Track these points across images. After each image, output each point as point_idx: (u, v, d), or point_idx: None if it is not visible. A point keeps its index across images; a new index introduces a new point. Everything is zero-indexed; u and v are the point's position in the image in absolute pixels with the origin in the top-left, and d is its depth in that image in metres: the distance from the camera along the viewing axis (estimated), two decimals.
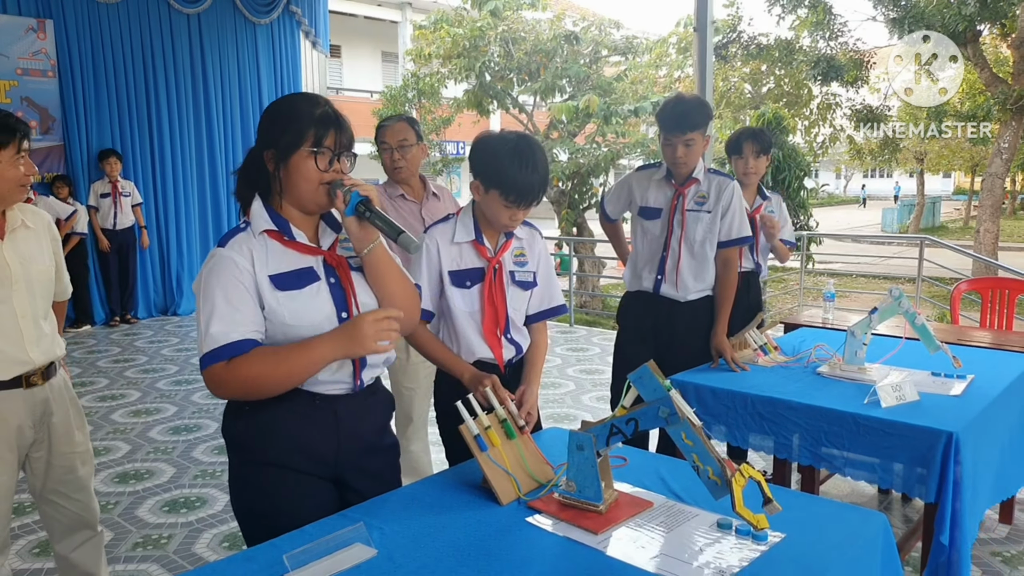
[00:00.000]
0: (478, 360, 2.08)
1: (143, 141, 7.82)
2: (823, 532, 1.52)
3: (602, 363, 5.89)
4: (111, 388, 5.27)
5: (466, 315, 2.08)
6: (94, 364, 5.94)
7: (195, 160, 8.22)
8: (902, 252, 15.18)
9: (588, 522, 1.56)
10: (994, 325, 4.13)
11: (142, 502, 3.43)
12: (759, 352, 2.87)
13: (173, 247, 8.06)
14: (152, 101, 7.83)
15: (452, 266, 2.07)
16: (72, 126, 7.33)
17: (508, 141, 1.95)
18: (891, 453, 2.19)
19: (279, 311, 1.58)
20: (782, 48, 13.02)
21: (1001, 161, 11.88)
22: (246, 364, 1.53)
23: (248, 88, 8.57)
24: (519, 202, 1.95)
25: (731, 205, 2.84)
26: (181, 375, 5.58)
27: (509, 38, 10.60)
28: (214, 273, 1.56)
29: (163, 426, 4.47)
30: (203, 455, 3.99)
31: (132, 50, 7.66)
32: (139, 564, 2.89)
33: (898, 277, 12.08)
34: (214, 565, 1.43)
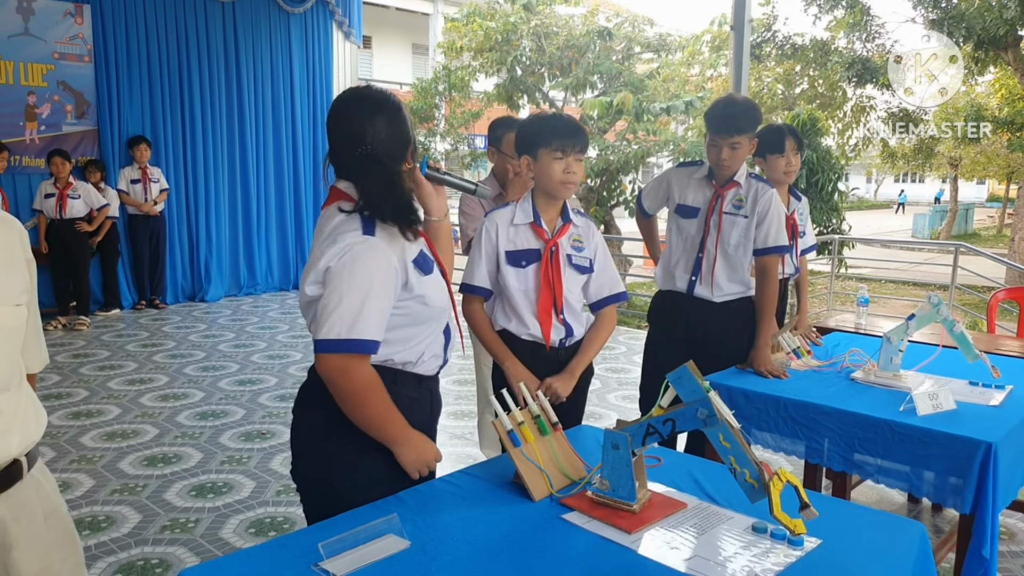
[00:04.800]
0: (529, 335, 2.23)
1: (175, 128, 7.90)
2: (860, 539, 1.49)
3: (628, 362, 5.86)
4: (139, 372, 5.35)
5: (520, 293, 2.23)
6: (123, 348, 6.03)
7: (226, 148, 8.29)
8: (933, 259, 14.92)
9: (621, 521, 1.55)
10: None
11: (170, 486, 3.48)
12: (792, 356, 2.83)
13: (202, 234, 8.14)
14: (185, 89, 7.91)
15: (509, 246, 2.22)
16: (104, 111, 7.43)
17: (537, 113, 2.17)
18: (926, 462, 2.15)
19: (428, 295, 1.67)
20: (817, 49, 12.83)
21: None
22: (367, 371, 1.60)
23: (280, 78, 8.63)
24: (566, 145, 2.10)
25: (769, 212, 2.81)
26: (208, 361, 5.65)
27: (541, 32, 10.58)
28: (369, 262, 1.56)
29: (191, 411, 4.52)
30: (230, 441, 4.04)
31: (167, 37, 7.74)
32: (167, 547, 2.93)
33: (929, 284, 11.89)
34: (248, 551, 1.44)
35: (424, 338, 1.73)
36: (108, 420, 4.36)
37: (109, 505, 3.28)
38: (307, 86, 8.91)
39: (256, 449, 3.93)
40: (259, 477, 3.58)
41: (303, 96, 8.86)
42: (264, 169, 8.63)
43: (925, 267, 13.18)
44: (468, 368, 3.71)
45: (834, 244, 7.27)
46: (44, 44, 7.08)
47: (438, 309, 1.72)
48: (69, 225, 6.69)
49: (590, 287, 2.31)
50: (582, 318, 2.31)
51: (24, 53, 6.99)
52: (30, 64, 7.03)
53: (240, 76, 8.29)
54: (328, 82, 9.06)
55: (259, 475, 3.60)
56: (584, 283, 2.29)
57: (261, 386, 5.03)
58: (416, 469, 1.71)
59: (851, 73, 12.34)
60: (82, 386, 4.99)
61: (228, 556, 1.45)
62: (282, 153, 8.74)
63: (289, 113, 8.75)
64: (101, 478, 3.56)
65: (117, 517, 3.17)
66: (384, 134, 1.64)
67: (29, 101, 7.07)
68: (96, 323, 6.87)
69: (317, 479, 1.74)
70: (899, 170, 27.39)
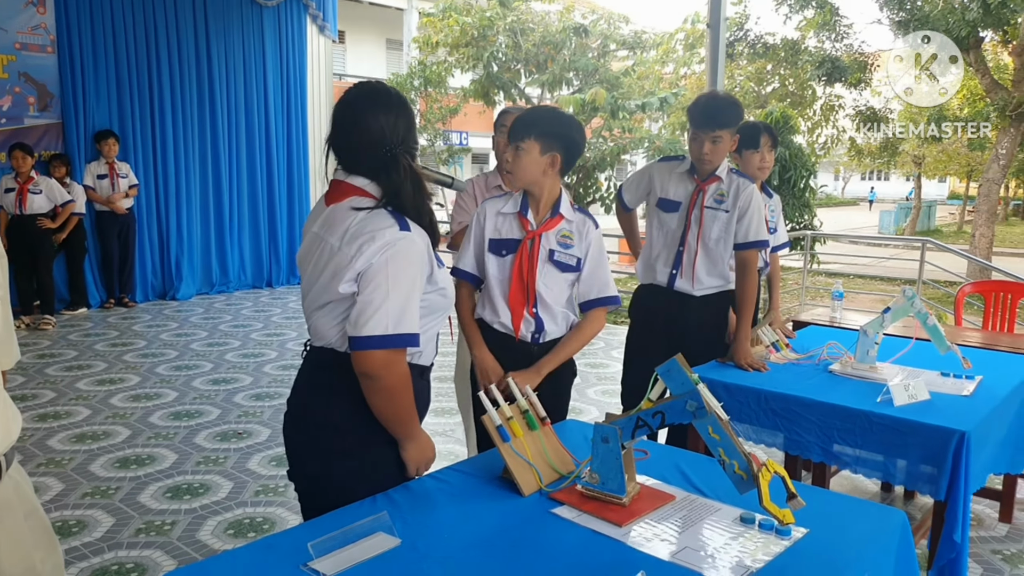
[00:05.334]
0: (500, 325, 2.25)
1: (144, 122, 7.72)
2: (844, 528, 1.52)
3: (606, 357, 5.89)
4: (109, 372, 5.24)
5: (497, 281, 2.26)
6: (91, 347, 5.91)
7: (197, 143, 8.14)
8: (899, 254, 15.23)
9: (611, 514, 1.55)
10: (996, 327, 4.15)
11: (144, 488, 3.41)
12: (771, 349, 2.87)
13: (173, 231, 7.99)
14: (154, 81, 7.72)
15: (493, 234, 2.25)
16: (69, 104, 7.22)
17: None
18: (903, 451, 2.20)
19: (446, 285, 1.72)
20: (788, 48, 13.02)
21: (998, 167, 11.92)
22: (406, 366, 1.63)
23: (253, 71, 8.49)
24: (509, 135, 2.20)
25: (749, 207, 2.83)
26: (181, 360, 5.56)
27: (518, 28, 10.58)
28: (411, 258, 1.60)
29: (164, 411, 4.45)
30: (205, 442, 3.98)
31: (135, 28, 7.54)
32: (142, 550, 2.87)
33: (897, 279, 12.12)
34: (235, 552, 1.42)
35: (435, 328, 1.77)
36: (77, 422, 4.27)
37: (80, 509, 3.20)
38: (281, 81, 8.79)
39: (233, 449, 3.87)
40: (236, 477, 3.53)
41: (276, 91, 8.74)
42: (236, 164, 8.49)
43: (892, 262, 13.44)
44: (447, 365, 3.70)
45: (806, 240, 7.37)
46: (4, 34, 6.88)
47: (451, 299, 1.76)
48: (31, 221, 6.53)
49: (579, 287, 2.27)
50: (559, 316, 2.26)
51: None
52: None
53: (212, 69, 8.13)
54: (302, 77, 8.96)
55: (236, 475, 3.55)
56: (572, 282, 2.27)
57: (236, 385, 4.96)
58: (417, 466, 1.73)
59: (820, 72, 12.54)
60: (48, 387, 4.87)
61: (214, 558, 1.43)
62: (255, 148, 8.62)
63: (262, 108, 8.62)
64: (71, 481, 3.48)
65: (89, 521, 3.10)
66: (403, 132, 1.66)
67: None
68: (62, 322, 6.73)
69: (319, 474, 1.72)
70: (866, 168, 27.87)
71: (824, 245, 8.88)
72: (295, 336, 6.33)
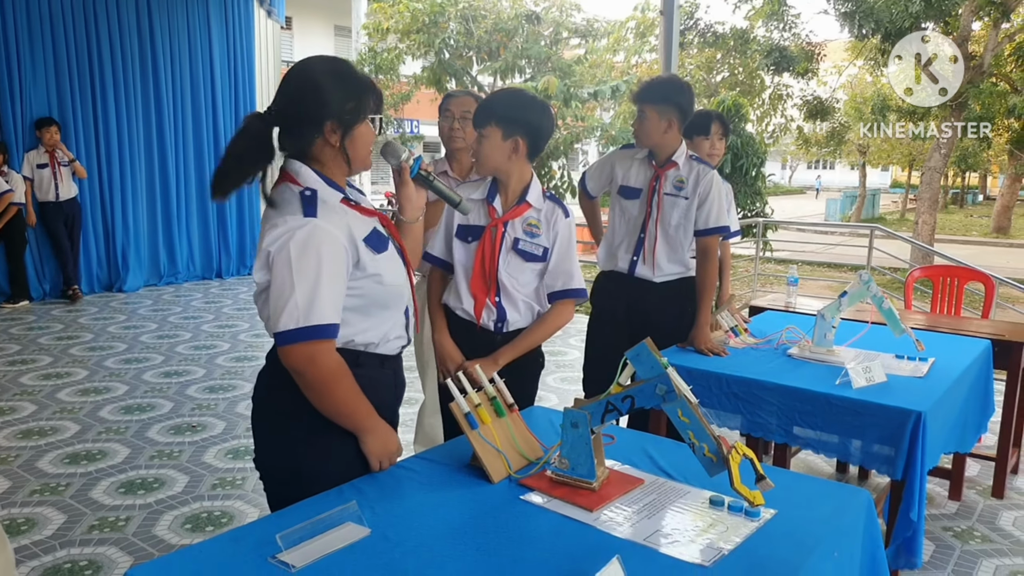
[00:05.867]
0: (463, 311, 2.24)
1: (85, 109, 7.42)
2: (812, 508, 1.55)
3: (564, 344, 5.91)
4: (55, 366, 5.06)
5: (462, 268, 2.25)
6: (35, 341, 5.69)
7: (142, 130, 7.87)
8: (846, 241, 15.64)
9: (582, 499, 1.55)
10: (944, 311, 4.29)
11: (95, 484, 3.31)
12: (730, 334, 2.91)
13: (119, 221, 7.73)
14: (95, 65, 7.41)
15: (461, 220, 2.23)
16: (5, 91, 6.89)
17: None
18: (861, 432, 2.26)
19: (382, 273, 1.63)
20: (737, 37, 13.22)
21: (940, 156, 12.32)
22: (333, 358, 1.55)
23: (199, 56, 8.23)
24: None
25: (709, 194, 2.85)
26: (130, 353, 5.39)
27: (469, 15, 10.50)
28: (315, 245, 1.51)
29: (114, 405, 4.31)
30: (159, 435, 3.87)
31: (73, 13, 7.24)
32: (96, 547, 2.78)
33: (845, 265, 12.45)
34: (200, 545, 1.38)
35: (386, 319, 1.70)
36: (22, 417, 4.11)
37: (29, 507, 3.09)
38: (228, 65, 8.54)
39: (187, 443, 3.78)
40: (192, 471, 3.44)
41: (224, 76, 8.49)
42: (184, 152, 8.24)
43: (840, 249, 13.79)
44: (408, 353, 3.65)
45: (758, 227, 7.51)
46: None
47: (394, 287, 1.68)
48: None
49: (545, 277, 2.23)
50: (521, 306, 2.22)
51: None
52: None
53: (156, 52, 7.85)
54: (250, 62, 8.73)
55: (192, 469, 3.47)
56: (539, 272, 2.21)
57: (188, 378, 4.84)
58: (379, 459, 1.67)
59: (769, 61, 12.77)
60: None
61: (179, 552, 1.38)
62: (202, 135, 8.37)
63: (209, 94, 8.38)
64: (18, 478, 3.35)
65: (39, 519, 2.99)
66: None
67: None
68: (3, 316, 6.47)
69: (284, 465, 1.67)
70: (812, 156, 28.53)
71: (775, 232, 9.07)
72: (247, 327, 6.20)
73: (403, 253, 1.75)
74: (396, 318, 1.73)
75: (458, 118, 2.91)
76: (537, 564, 1.33)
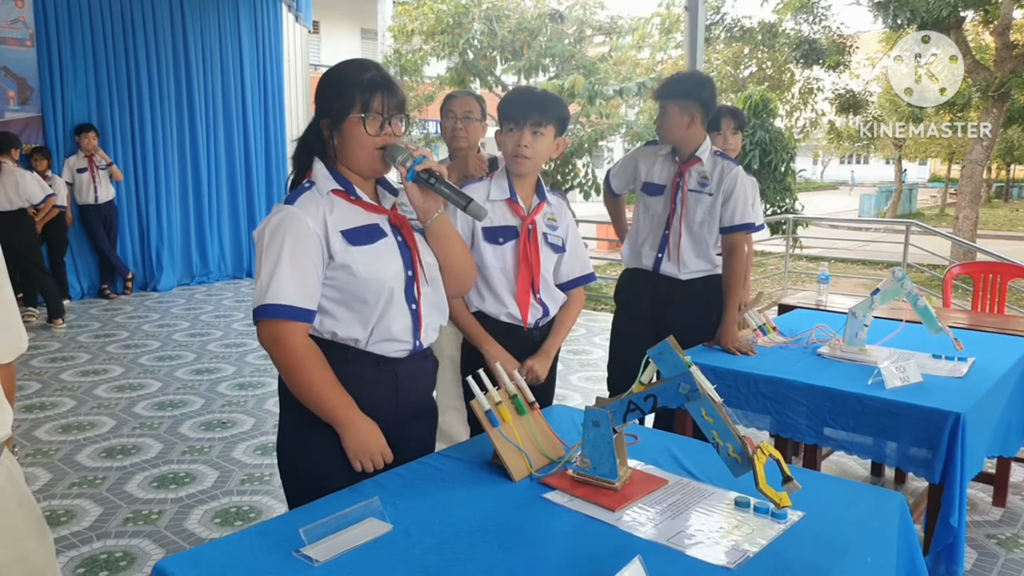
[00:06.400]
0: (507, 315, 2.19)
1: (122, 115, 7.62)
2: (842, 510, 1.51)
3: (587, 343, 5.89)
4: (93, 363, 5.18)
5: (498, 271, 2.18)
6: (75, 339, 5.83)
7: (175, 134, 8.03)
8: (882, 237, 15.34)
9: (604, 499, 1.54)
10: (985, 309, 4.17)
11: (130, 477, 3.37)
12: (758, 332, 2.87)
13: (153, 223, 7.90)
14: (132, 73, 7.62)
15: (485, 222, 2.15)
16: (48, 97, 7.11)
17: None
18: (895, 433, 2.20)
19: (353, 265, 1.61)
20: (765, 31, 13.02)
21: (981, 148, 11.99)
22: (297, 341, 1.58)
23: (230, 61, 8.38)
24: (517, 118, 2.09)
25: (735, 190, 2.82)
26: (164, 351, 5.49)
27: (493, 15, 10.51)
28: (283, 229, 1.58)
29: (148, 401, 4.40)
30: (190, 431, 3.93)
31: (112, 21, 7.43)
32: (131, 539, 2.84)
33: (880, 262, 12.21)
34: (228, 539, 1.40)
35: (369, 315, 1.66)
36: (63, 412, 4.21)
37: (68, 499, 3.17)
38: (257, 70, 8.68)
39: (217, 438, 3.83)
40: (222, 467, 3.50)
41: (253, 81, 8.63)
42: (215, 155, 8.39)
43: (875, 246, 13.53)
44: None
45: (788, 224, 7.40)
46: None
47: (372, 281, 1.63)
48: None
49: (561, 267, 2.29)
50: (556, 296, 2.29)
51: None
52: None
53: (189, 59, 8.02)
54: (279, 67, 8.85)
55: (222, 464, 3.52)
56: (556, 263, 2.28)
57: (219, 375, 4.92)
58: (356, 457, 1.65)
59: (798, 54, 12.55)
60: (34, 378, 4.80)
61: (207, 545, 1.40)
62: (233, 138, 8.51)
63: (240, 98, 8.51)
64: (58, 471, 3.44)
65: (77, 510, 3.06)
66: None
67: None
68: (45, 314, 6.62)
69: (282, 456, 1.72)
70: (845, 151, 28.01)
71: (806, 229, 8.93)
72: None
73: (410, 253, 1.70)
74: (385, 315, 1.67)
75: (460, 118, 2.94)
76: (558, 563, 1.32)
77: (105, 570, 2.64)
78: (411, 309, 1.70)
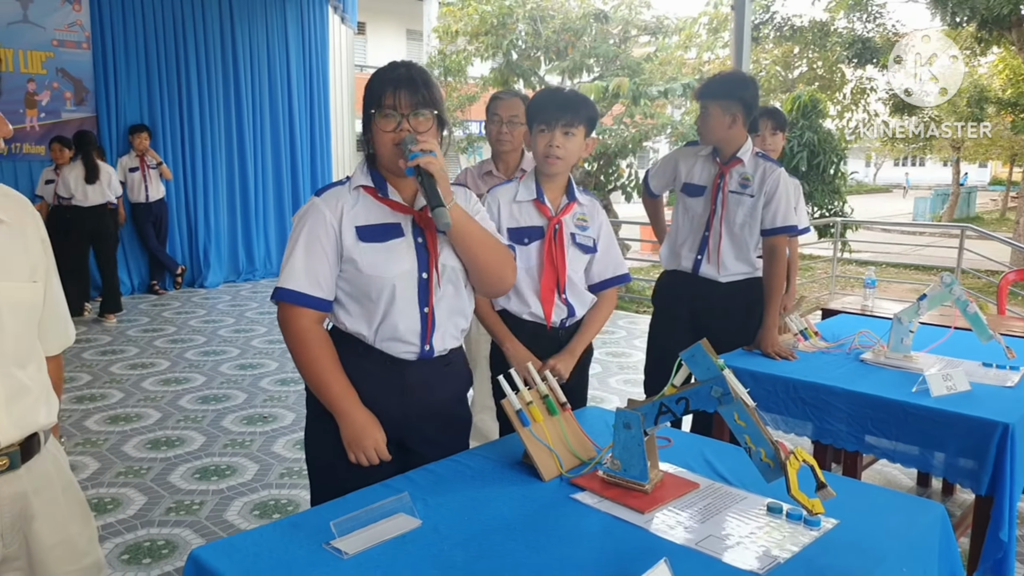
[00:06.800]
0: (530, 315, 2.19)
1: (172, 115, 7.84)
2: (878, 520, 1.47)
3: (628, 346, 5.85)
4: (141, 356, 5.33)
5: (522, 271, 2.17)
6: (124, 333, 6.01)
7: (223, 134, 8.23)
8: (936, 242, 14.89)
9: (634, 501, 1.53)
10: None
11: (174, 468, 3.46)
12: (799, 337, 2.81)
13: (200, 221, 8.10)
14: (182, 75, 7.84)
15: (511, 223, 2.18)
16: (102, 98, 7.36)
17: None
18: (940, 443, 2.13)
19: (359, 260, 1.66)
20: (816, 30, 12.77)
21: None
22: (304, 325, 1.66)
23: (277, 63, 8.55)
24: (549, 119, 2.07)
25: (777, 192, 2.77)
26: (209, 346, 5.63)
27: (537, 16, 10.51)
28: (304, 219, 1.68)
29: (192, 395, 4.51)
30: (232, 425, 4.02)
31: (163, 23, 7.66)
32: (172, 528, 2.92)
33: (933, 267, 11.85)
34: (260, 530, 1.43)
35: (374, 312, 1.68)
36: (111, 404, 4.34)
37: (115, 487, 3.26)
38: (304, 71, 8.83)
39: (258, 432, 3.91)
40: (262, 460, 3.56)
41: (300, 81, 8.79)
42: (262, 154, 8.57)
43: (929, 250, 13.14)
44: None
45: (836, 227, 7.23)
46: (43, 31, 7.02)
47: (376, 279, 1.65)
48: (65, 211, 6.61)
49: (593, 268, 2.26)
50: (585, 298, 2.27)
51: (23, 40, 6.92)
52: (29, 51, 6.96)
53: (237, 61, 8.21)
54: (324, 67, 8.99)
55: (262, 458, 3.59)
56: (587, 263, 2.25)
57: (262, 370, 5.01)
58: (351, 449, 1.68)
59: (850, 54, 12.28)
60: (84, 371, 4.96)
61: (240, 535, 1.43)
62: (279, 138, 8.68)
63: (286, 98, 8.68)
64: (106, 461, 3.55)
65: (123, 499, 3.16)
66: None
67: (29, 88, 7.01)
68: (96, 309, 6.84)
69: (316, 453, 1.79)
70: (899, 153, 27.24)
71: (855, 232, 8.71)
72: None
73: (428, 255, 1.70)
74: (391, 316, 1.68)
75: (506, 122, 2.92)
76: (585, 563, 1.31)
77: (148, 557, 2.72)
78: (422, 312, 1.70)
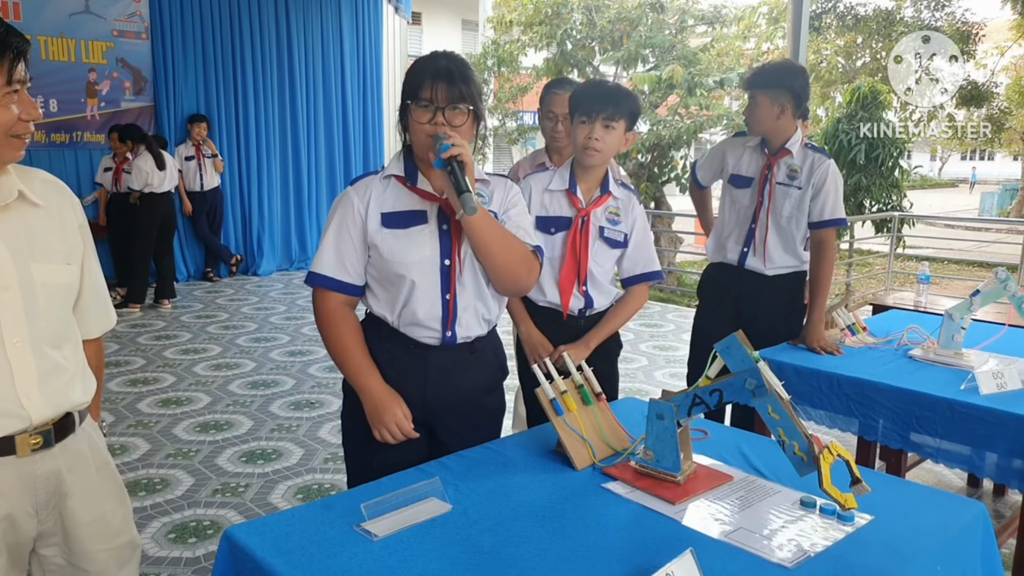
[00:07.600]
0: (546, 302, 2.22)
1: (228, 105, 8.02)
2: (914, 517, 1.44)
3: (676, 340, 5.79)
4: (194, 342, 5.49)
5: (546, 260, 2.12)
6: (178, 319, 6.20)
7: (277, 124, 8.39)
8: (1002, 238, 14.32)
9: (665, 492, 1.52)
10: None
11: (221, 451, 3.57)
12: (846, 332, 2.75)
13: (255, 210, 8.29)
14: (238, 65, 8.01)
15: (540, 211, 2.20)
16: (161, 88, 7.57)
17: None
18: (989, 442, 2.06)
19: (381, 245, 1.71)
20: (881, 19, 12.38)
21: None
22: (331, 306, 1.74)
23: (331, 53, 8.68)
24: (590, 110, 2.07)
25: (825, 184, 2.71)
26: (260, 333, 5.77)
27: (592, 5, 10.41)
28: (337, 207, 1.75)
29: (242, 380, 4.63)
30: (279, 410, 4.12)
31: (220, 16, 7.83)
32: (218, 509, 3.01)
33: (996, 264, 11.40)
34: (294, 511, 1.46)
35: (396, 297, 1.72)
36: (163, 388, 4.49)
37: (164, 468, 3.38)
38: (357, 62, 8.94)
39: (305, 418, 4.00)
40: (307, 445, 3.64)
41: (353, 71, 8.90)
42: (315, 145, 8.72)
43: (994, 247, 12.64)
44: None
45: (893, 222, 7.02)
46: (104, 22, 7.25)
47: (395, 264, 1.69)
48: (125, 198, 6.84)
49: (624, 262, 2.26)
50: (608, 291, 2.26)
51: (85, 31, 7.16)
52: (90, 42, 7.20)
53: (291, 51, 8.36)
54: (378, 58, 9.09)
55: (307, 443, 3.67)
56: (618, 257, 2.25)
57: (311, 357, 5.12)
58: (372, 424, 1.73)
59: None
60: (139, 355, 5.14)
61: (274, 515, 1.47)
62: (333, 128, 8.82)
63: (339, 88, 8.80)
64: (156, 443, 3.67)
65: (171, 480, 3.27)
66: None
67: (90, 78, 7.25)
68: (151, 295, 7.06)
69: (352, 439, 1.82)
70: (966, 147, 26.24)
71: (913, 228, 8.43)
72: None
73: (451, 243, 1.70)
74: (412, 302, 1.70)
75: (561, 119, 2.87)
76: (612, 551, 1.31)
77: (193, 536, 2.81)
78: (443, 298, 1.71)
